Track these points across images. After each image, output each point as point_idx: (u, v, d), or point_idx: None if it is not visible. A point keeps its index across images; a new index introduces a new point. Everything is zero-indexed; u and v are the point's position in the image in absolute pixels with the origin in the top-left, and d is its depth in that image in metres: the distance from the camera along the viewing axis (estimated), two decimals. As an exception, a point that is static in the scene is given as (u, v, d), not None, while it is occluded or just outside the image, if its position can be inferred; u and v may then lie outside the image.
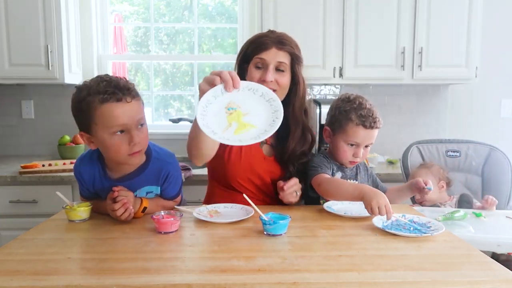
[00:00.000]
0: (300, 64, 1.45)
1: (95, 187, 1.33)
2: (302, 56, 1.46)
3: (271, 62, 1.40)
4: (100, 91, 1.11)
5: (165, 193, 1.36)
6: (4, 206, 2.17)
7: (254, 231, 1.18)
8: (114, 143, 1.14)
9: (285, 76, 1.43)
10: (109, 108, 1.11)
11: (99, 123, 1.13)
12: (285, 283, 0.86)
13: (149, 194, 1.35)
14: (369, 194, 1.23)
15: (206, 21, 3.05)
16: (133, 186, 1.28)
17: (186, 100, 3.12)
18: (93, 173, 1.30)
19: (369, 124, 1.44)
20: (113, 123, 1.12)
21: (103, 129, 1.13)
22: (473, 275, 0.90)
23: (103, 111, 1.11)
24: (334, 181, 1.42)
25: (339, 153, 1.50)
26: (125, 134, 1.15)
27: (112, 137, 1.14)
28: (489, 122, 2.95)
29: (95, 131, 1.15)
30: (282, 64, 1.41)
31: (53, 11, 2.37)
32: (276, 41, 1.41)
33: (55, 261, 0.98)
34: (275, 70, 1.41)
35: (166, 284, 0.86)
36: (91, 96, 1.12)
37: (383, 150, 2.71)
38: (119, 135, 1.14)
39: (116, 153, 1.16)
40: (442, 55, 2.51)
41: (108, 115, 1.11)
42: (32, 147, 2.81)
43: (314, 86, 2.90)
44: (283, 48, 1.41)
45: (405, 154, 1.98)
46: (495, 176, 1.90)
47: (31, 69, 2.41)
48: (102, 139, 1.14)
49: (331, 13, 2.47)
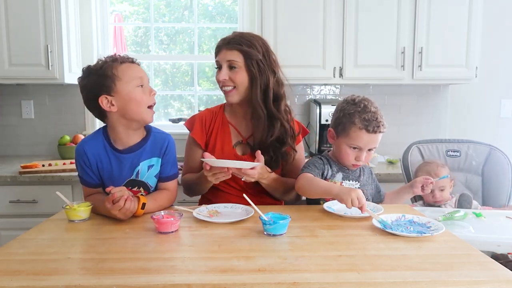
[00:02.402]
0: (253, 59, 1.49)
1: (99, 164, 1.38)
2: (256, 50, 1.50)
3: (223, 63, 1.52)
4: (114, 58, 1.34)
5: (164, 171, 1.43)
6: (4, 206, 2.17)
7: (254, 231, 1.18)
8: (138, 93, 1.33)
9: (238, 72, 1.50)
10: (129, 66, 1.34)
11: (123, 78, 1.31)
12: (285, 283, 0.86)
13: (150, 169, 1.41)
14: (344, 189, 1.28)
15: (206, 21, 3.05)
16: (136, 159, 1.38)
17: (186, 100, 3.12)
18: (98, 147, 1.38)
19: (373, 128, 1.42)
20: (135, 75, 1.33)
21: (127, 83, 1.32)
22: (473, 275, 0.90)
23: (124, 68, 1.32)
24: (310, 178, 1.44)
25: (342, 156, 1.50)
26: (144, 88, 1.35)
27: (135, 89, 1.33)
28: (489, 122, 2.95)
29: (119, 87, 1.31)
30: (232, 61, 1.50)
31: (53, 11, 2.37)
32: (227, 42, 1.52)
33: (55, 261, 0.98)
34: (228, 69, 1.51)
35: (166, 284, 0.86)
36: (109, 62, 1.32)
37: (383, 150, 2.71)
38: (140, 88, 1.34)
39: (139, 103, 1.33)
40: (442, 55, 2.51)
41: (130, 70, 1.33)
42: (32, 147, 2.81)
43: (314, 86, 2.90)
44: (231, 47, 1.50)
45: (405, 154, 1.98)
46: (495, 176, 1.90)
47: (31, 69, 2.41)
48: (127, 92, 1.32)
49: (331, 13, 2.47)
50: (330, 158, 1.57)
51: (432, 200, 1.71)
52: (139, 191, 1.42)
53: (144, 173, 1.41)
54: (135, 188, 1.41)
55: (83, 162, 1.39)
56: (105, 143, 1.38)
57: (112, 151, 1.38)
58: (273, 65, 1.54)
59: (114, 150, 1.38)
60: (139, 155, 1.39)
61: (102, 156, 1.38)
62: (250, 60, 1.49)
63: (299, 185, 1.44)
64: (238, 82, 1.51)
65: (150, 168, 1.41)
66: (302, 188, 1.43)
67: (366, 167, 1.61)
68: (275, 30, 2.47)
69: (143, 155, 1.39)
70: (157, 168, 1.43)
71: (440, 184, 1.68)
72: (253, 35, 1.55)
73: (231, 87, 1.52)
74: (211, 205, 1.42)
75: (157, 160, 1.42)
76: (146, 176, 1.41)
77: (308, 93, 2.90)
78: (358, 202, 1.24)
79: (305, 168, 1.50)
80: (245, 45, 1.49)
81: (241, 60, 1.49)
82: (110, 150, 1.38)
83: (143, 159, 1.40)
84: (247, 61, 1.49)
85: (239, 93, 1.52)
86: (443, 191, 1.70)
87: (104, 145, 1.38)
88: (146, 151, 1.40)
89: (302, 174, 1.47)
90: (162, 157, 1.42)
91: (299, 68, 2.50)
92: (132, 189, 1.40)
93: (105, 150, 1.38)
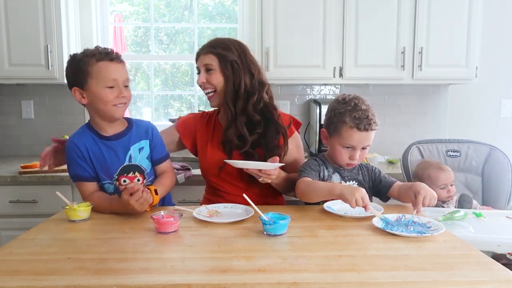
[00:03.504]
0: (227, 60, 1.54)
1: (91, 154, 1.40)
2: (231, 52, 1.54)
3: (201, 67, 1.58)
4: (95, 53, 1.35)
5: (156, 153, 1.49)
6: (4, 206, 2.17)
7: (254, 231, 1.18)
8: (105, 94, 1.34)
9: (213, 74, 1.55)
10: (103, 65, 1.34)
11: (94, 78, 1.33)
12: (285, 283, 0.86)
13: (141, 152, 1.46)
14: (347, 189, 1.27)
15: (206, 21, 3.05)
16: (126, 144, 1.43)
17: (186, 100, 3.12)
18: (87, 139, 1.42)
19: (364, 126, 1.41)
20: (107, 77, 1.33)
21: (97, 83, 1.34)
22: (473, 275, 0.90)
23: (99, 67, 1.33)
24: (309, 182, 1.42)
25: (336, 156, 1.50)
26: (114, 89, 1.35)
27: (104, 90, 1.34)
28: (489, 122, 2.95)
29: (90, 85, 1.34)
30: (208, 65, 1.55)
31: (53, 11, 2.37)
32: (203, 47, 1.58)
33: (55, 261, 0.98)
34: (205, 72, 1.56)
35: (166, 284, 0.86)
36: (88, 57, 1.34)
37: (383, 150, 2.71)
38: (109, 89, 1.34)
39: (105, 103, 1.35)
40: (442, 55, 2.51)
41: (103, 70, 1.33)
42: (32, 147, 2.80)
43: (314, 86, 2.90)
44: (207, 51, 1.56)
45: (405, 154, 1.98)
46: (495, 176, 1.89)
47: (31, 69, 2.41)
48: (95, 91, 1.34)
49: (331, 13, 2.46)
50: (326, 159, 1.56)
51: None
52: (135, 176, 1.45)
53: (137, 156, 1.45)
54: (130, 174, 1.44)
55: (76, 155, 1.40)
56: (92, 135, 1.42)
57: (101, 140, 1.41)
58: (251, 67, 1.57)
59: (103, 139, 1.42)
60: (128, 140, 1.44)
61: (92, 146, 1.41)
62: (225, 62, 1.54)
63: (300, 191, 1.42)
64: (215, 84, 1.55)
65: (141, 151, 1.46)
66: (303, 194, 1.42)
67: (364, 165, 1.59)
68: (275, 30, 2.46)
69: (131, 140, 1.44)
70: (147, 150, 1.47)
71: (440, 184, 1.69)
72: (229, 39, 1.62)
73: (212, 91, 1.57)
74: (211, 205, 1.42)
75: (145, 142, 1.47)
76: (139, 159, 1.45)
77: (308, 93, 2.90)
78: (362, 202, 1.24)
79: (302, 172, 1.49)
80: (220, 48, 1.55)
81: (216, 63, 1.54)
82: (99, 140, 1.41)
83: (132, 143, 1.44)
84: (221, 63, 1.54)
85: (220, 96, 1.57)
86: (443, 189, 1.71)
87: (92, 137, 1.42)
88: (134, 135, 1.45)
89: (300, 179, 1.45)
90: (151, 140, 1.48)
91: (299, 68, 2.50)
92: (128, 176, 1.44)
93: (94, 141, 1.41)
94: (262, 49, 2.46)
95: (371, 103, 1.50)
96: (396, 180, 1.55)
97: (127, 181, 1.43)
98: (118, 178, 1.43)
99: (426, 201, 1.30)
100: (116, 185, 1.43)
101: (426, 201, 1.30)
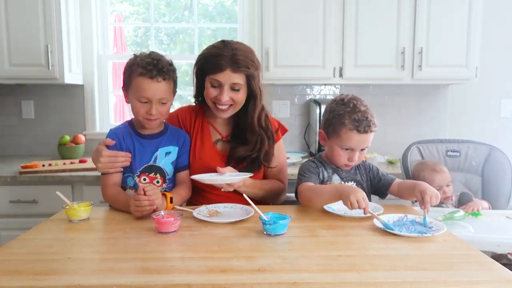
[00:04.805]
0: (255, 78, 1.46)
1: (123, 146, 1.47)
2: (256, 69, 1.47)
3: (225, 83, 1.43)
4: (142, 65, 1.40)
5: (181, 160, 1.54)
6: (4, 206, 2.17)
7: (254, 231, 1.18)
8: (136, 107, 1.43)
9: (240, 93, 1.46)
10: (142, 81, 1.40)
11: (131, 90, 1.43)
12: (285, 283, 0.86)
13: (167, 156, 1.51)
14: (346, 191, 1.26)
15: (206, 21, 3.05)
16: (156, 145, 1.50)
17: (186, 100, 3.12)
18: (124, 132, 1.50)
19: (363, 128, 1.40)
20: (140, 94, 1.41)
21: (133, 94, 1.43)
22: (473, 275, 0.90)
23: (138, 81, 1.40)
24: (314, 187, 1.41)
25: (334, 157, 1.49)
26: (147, 104, 1.42)
27: (136, 102, 1.43)
28: (489, 122, 2.95)
29: (129, 91, 1.45)
30: (236, 84, 1.44)
31: (53, 11, 2.37)
32: (230, 61, 1.41)
33: (55, 261, 0.98)
34: (230, 89, 1.44)
35: (166, 284, 0.86)
36: (135, 66, 1.41)
37: (383, 150, 2.72)
38: (142, 103, 1.42)
39: (136, 113, 1.45)
40: (442, 55, 2.51)
41: (140, 86, 1.40)
42: (32, 147, 2.81)
43: (314, 86, 2.90)
44: (237, 70, 1.42)
45: (405, 154, 1.98)
46: (495, 176, 1.89)
47: (31, 69, 2.41)
48: (131, 99, 1.45)
49: (331, 13, 2.47)
50: (323, 160, 1.55)
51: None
52: (155, 177, 1.49)
53: (162, 159, 1.50)
54: (151, 174, 1.49)
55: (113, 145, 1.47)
56: (130, 130, 1.51)
57: (136, 136, 1.50)
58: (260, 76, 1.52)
59: (138, 135, 1.50)
60: (159, 142, 1.50)
61: (127, 139, 1.49)
62: (251, 80, 1.46)
63: (304, 198, 1.41)
64: (239, 102, 1.48)
65: (167, 155, 1.51)
66: (308, 200, 1.40)
67: (360, 163, 1.58)
68: (275, 30, 2.47)
69: (162, 142, 1.51)
70: (174, 156, 1.52)
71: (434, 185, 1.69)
72: (250, 50, 1.49)
73: (228, 105, 1.47)
74: (211, 205, 1.42)
75: (174, 148, 1.52)
76: (163, 162, 1.50)
77: (308, 93, 2.90)
78: (359, 205, 1.23)
79: (302, 177, 1.47)
80: (251, 67, 1.44)
81: (243, 82, 1.45)
82: (134, 135, 1.50)
83: (162, 146, 1.50)
84: (248, 81, 1.46)
85: (235, 110, 1.50)
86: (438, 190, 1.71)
87: (129, 132, 1.51)
88: (166, 139, 1.52)
89: (302, 184, 1.43)
90: (180, 148, 1.53)
91: (299, 68, 2.50)
92: (149, 175, 1.48)
93: (130, 135, 1.50)
94: (262, 49, 2.46)
95: (371, 103, 1.50)
96: (395, 177, 1.55)
97: (146, 179, 1.48)
98: (140, 175, 1.47)
99: (432, 200, 1.30)
100: (136, 181, 1.47)
101: (433, 201, 1.30)
